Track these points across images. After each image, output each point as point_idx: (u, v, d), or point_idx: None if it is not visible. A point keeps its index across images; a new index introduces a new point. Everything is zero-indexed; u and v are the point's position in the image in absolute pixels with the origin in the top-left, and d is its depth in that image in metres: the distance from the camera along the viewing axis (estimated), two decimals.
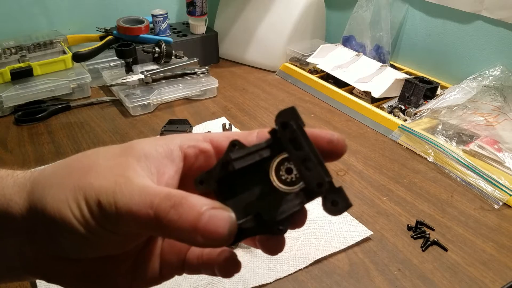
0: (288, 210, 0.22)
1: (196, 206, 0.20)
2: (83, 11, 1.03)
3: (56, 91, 0.85)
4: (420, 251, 0.52)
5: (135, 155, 0.22)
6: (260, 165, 0.23)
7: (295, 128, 0.22)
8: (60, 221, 0.20)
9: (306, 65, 0.99)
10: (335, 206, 0.22)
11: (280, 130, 0.22)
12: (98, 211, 0.20)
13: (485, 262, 0.51)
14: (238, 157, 0.22)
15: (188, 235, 0.19)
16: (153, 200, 0.20)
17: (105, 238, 0.21)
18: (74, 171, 0.22)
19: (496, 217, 0.58)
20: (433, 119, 0.75)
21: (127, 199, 0.20)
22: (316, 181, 0.21)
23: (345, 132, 0.78)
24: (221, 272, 0.25)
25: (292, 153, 0.22)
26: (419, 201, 0.60)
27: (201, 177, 0.23)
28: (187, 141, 0.24)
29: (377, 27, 0.97)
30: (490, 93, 0.76)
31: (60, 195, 0.21)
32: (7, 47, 0.87)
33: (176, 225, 0.19)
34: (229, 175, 0.23)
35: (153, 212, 0.20)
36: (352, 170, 0.67)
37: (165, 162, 0.23)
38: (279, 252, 0.24)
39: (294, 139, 0.22)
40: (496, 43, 0.82)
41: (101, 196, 0.20)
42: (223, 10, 1.09)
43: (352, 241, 0.52)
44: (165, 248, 0.26)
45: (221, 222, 0.20)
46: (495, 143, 0.67)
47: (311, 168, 0.22)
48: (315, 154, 0.22)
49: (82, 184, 0.21)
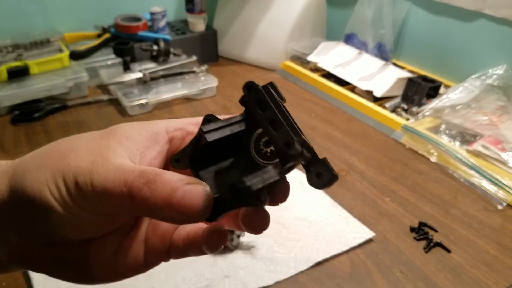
0: (266, 180, 0.21)
1: (170, 182, 0.20)
2: (81, 8, 1.02)
3: (53, 90, 0.84)
4: (423, 252, 0.51)
5: (117, 138, 0.22)
6: (237, 139, 0.23)
7: (260, 89, 0.22)
8: (40, 201, 0.20)
9: (307, 64, 0.98)
10: (320, 178, 0.21)
11: (247, 94, 0.22)
12: (76, 191, 0.20)
13: (488, 264, 0.50)
14: (210, 130, 0.22)
15: (163, 211, 0.20)
16: (127, 178, 0.20)
17: (84, 219, 0.21)
18: (54, 154, 0.22)
19: (499, 218, 0.57)
20: (436, 118, 0.74)
21: (102, 178, 0.20)
22: (284, 141, 0.20)
23: (347, 131, 0.77)
24: (208, 246, 0.24)
25: (259, 115, 0.21)
26: (422, 202, 0.60)
27: (177, 155, 0.23)
28: (174, 124, 0.25)
29: (379, 25, 0.96)
30: (493, 92, 0.76)
31: (40, 177, 0.21)
32: (3, 46, 0.86)
33: (150, 201, 0.19)
34: (204, 150, 0.22)
35: (126, 189, 0.20)
36: (354, 170, 0.66)
37: (149, 144, 0.23)
38: (263, 230, 0.23)
39: (260, 101, 0.21)
40: (500, 41, 0.81)
41: (78, 176, 0.20)
42: (223, 8, 1.08)
43: (354, 243, 0.52)
44: (149, 233, 0.25)
45: (196, 196, 0.20)
46: (499, 142, 0.66)
47: (279, 128, 0.21)
48: (283, 115, 0.21)
49: (61, 166, 0.21)
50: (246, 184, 0.21)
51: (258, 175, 0.21)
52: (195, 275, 0.47)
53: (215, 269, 0.48)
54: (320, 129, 0.78)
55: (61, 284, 0.45)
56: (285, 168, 0.22)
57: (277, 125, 0.21)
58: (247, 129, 0.23)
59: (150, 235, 0.25)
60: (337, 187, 0.62)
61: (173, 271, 0.47)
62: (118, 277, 0.25)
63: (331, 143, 0.73)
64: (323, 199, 0.59)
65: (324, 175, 0.21)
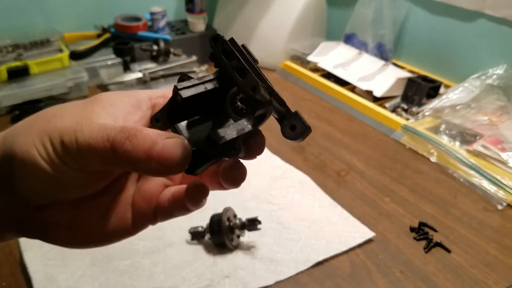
0: (240, 131, 0.22)
1: (151, 136, 0.21)
2: (81, 8, 1.02)
3: (53, 90, 0.84)
4: (423, 252, 0.51)
5: (100, 104, 0.24)
6: (214, 97, 0.24)
7: (225, 40, 0.23)
8: (28, 161, 0.22)
9: (307, 64, 0.98)
10: (293, 130, 0.22)
11: (213, 45, 0.23)
12: (62, 149, 0.22)
13: (488, 264, 0.50)
14: (184, 87, 0.23)
15: (144, 164, 0.21)
16: (110, 134, 0.21)
17: (71, 177, 0.22)
18: (41, 119, 0.23)
19: (499, 218, 0.57)
20: (436, 118, 0.74)
21: (86, 136, 0.21)
22: (250, 85, 0.21)
23: (347, 131, 0.77)
24: (189, 200, 0.25)
25: (225, 64, 0.22)
26: (422, 202, 0.60)
27: (156, 115, 0.24)
28: (156, 92, 0.26)
29: (379, 25, 0.96)
30: (493, 92, 0.76)
31: (28, 139, 0.22)
32: (3, 46, 0.86)
33: (132, 154, 0.21)
34: (181, 108, 0.23)
35: (109, 144, 0.21)
36: (354, 170, 0.66)
37: (132, 110, 0.24)
38: (241, 181, 0.25)
39: (226, 51, 0.23)
40: (500, 41, 0.81)
41: (64, 135, 0.22)
42: (223, 8, 1.08)
43: (354, 243, 0.52)
44: (135, 196, 0.27)
45: (174, 147, 0.21)
46: (499, 142, 0.66)
47: (244, 75, 0.22)
48: (249, 64, 0.22)
49: (48, 128, 0.22)
50: (221, 134, 0.22)
51: (232, 127, 0.22)
52: (195, 275, 0.47)
53: (215, 269, 0.48)
54: (320, 129, 0.78)
55: (61, 284, 0.45)
56: (255, 116, 0.22)
57: (242, 72, 0.22)
58: (223, 87, 0.24)
59: (136, 198, 0.27)
60: (337, 187, 0.62)
61: (173, 271, 0.47)
62: (108, 240, 0.26)
63: (331, 143, 0.73)
64: (323, 199, 0.59)
65: (297, 127, 0.22)
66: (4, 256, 0.49)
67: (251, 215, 0.51)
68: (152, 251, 0.50)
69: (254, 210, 0.56)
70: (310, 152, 0.70)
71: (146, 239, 0.51)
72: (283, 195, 0.59)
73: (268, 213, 0.56)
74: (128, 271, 0.47)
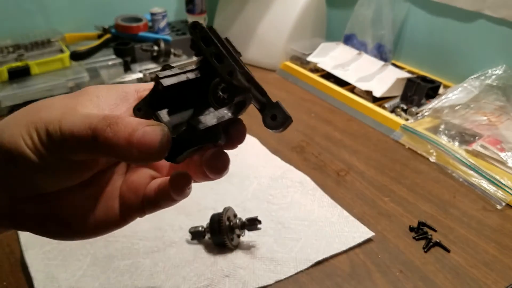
0: (220, 118, 0.23)
1: (132, 124, 0.22)
2: (81, 9, 1.02)
3: (53, 91, 0.84)
4: (422, 252, 0.51)
5: (87, 96, 0.24)
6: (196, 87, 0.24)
7: (203, 27, 0.23)
8: (15, 152, 0.22)
9: (307, 64, 0.99)
10: (275, 120, 0.22)
11: (192, 32, 0.23)
12: (47, 138, 0.22)
13: (487, 263, 0.50)
14: (166, 76, 0.23)
15: (124, 150, 0.21)
16: (92, 122, 0.22)
17: (57, 166, 0.23)
18: (30, 111, 0.24)
19: (498, 218, 0.57)
20: (435, 118, 0.75)
21: (70, 124, 0.22)
22: (227, 70, 0.22)
23: (346, 131, 0.77)
24: (174, 189, 0.26)
25: (204, 50, 0.23)
26: (421, 202, 0.60)
27: (138, 104, 0.25)
28: (143, 85, 0.27)
29: (378, 25, 0.96)
30: (492, 92, 0.76)
31: (15, 131, 0.23)
32: (4, 46, 0.86)
33: (112, 141, 0.21)
34: (163, 97, 0.24)
35: (91, 131, 0.21)
36: (353, 170, 0.66)
37: (118, 102, 0.25)
38: (224, 170, 0.25)
39: (205, 38, 0.23)
40: (499, 42, 0.81)
41: (49, 125, 0.22)
42: (223, 8, 1.08)
43: (353, 242, 0.52)
44: (123, 188, 0.27)
45: (154, 134, 0.21)
46: (498, 143, 0.66)
47: (222, 60, 0.22)
48: (226, 49, 0.23)
49: (34, 119, 0.23)
50: (201, 121, 0.22)
51: (212, 115, 0.23)
52: (195, 274, 0.47)
53: (215, 269, 0.48)
54: (319, 129, 0.78)
55: (62, 284, 0.45)
56: (234, 102, 0.23)
57: (220, 57, 0.22)
58: (205, 77, 0.24)
59: (124, 189, 0.27)
60: (336, 187, 0.62)
61: (174, 270, 0.48)
62: (95, 232, 0.27)
63: (331, 143, 0.74)
64: (323, 199, 0.59)
65: (278, 117, 0.22)
66: (4, 256, 0.49)
67: (251, 215, 0.51)
68: (152, 251, 0.50)
69: (254, 210, 0.56)
70: (310, 152, 0.71)
71: (146, 239, 0.51)
72: (283, 195, 0.60)
73: (268, 213, 0.56)
74: (129, 271, 0.47)
